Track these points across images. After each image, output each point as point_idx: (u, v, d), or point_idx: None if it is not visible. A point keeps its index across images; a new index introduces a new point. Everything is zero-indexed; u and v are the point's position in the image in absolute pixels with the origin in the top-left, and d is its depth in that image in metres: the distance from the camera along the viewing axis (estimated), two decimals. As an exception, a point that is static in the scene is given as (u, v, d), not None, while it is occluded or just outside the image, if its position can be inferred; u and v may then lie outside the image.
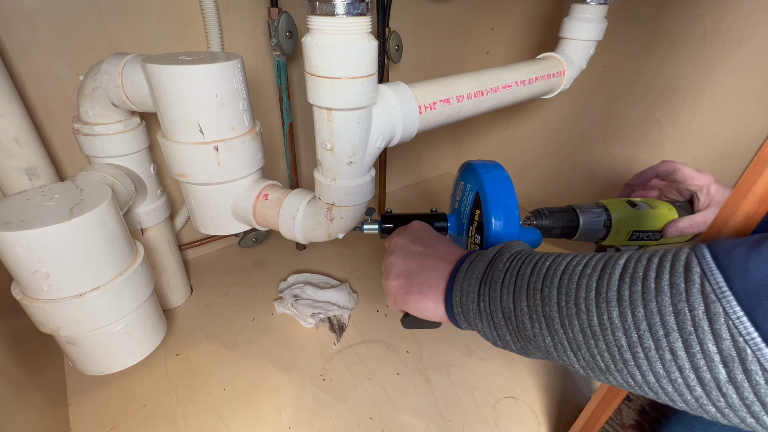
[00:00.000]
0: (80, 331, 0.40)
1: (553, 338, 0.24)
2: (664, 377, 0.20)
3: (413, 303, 0.33)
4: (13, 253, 0.34)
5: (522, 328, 0.26)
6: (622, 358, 0.21)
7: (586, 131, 0.83)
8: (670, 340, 0.19)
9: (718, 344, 0.18)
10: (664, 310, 0.19)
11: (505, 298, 0.27)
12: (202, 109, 0.38)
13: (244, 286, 0.74)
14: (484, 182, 0.43)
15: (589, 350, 0.22)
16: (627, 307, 0.21)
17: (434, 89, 0.42)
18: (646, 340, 0.20)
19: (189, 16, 0.60)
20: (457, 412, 0.54)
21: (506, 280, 0.28)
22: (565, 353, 0.24)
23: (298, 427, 0.51)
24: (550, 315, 0.24)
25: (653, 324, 0.19)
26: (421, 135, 0.45)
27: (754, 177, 0.23)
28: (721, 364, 0.18)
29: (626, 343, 0.20)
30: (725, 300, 0.18)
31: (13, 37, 0.50)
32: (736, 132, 0.64)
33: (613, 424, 0.55)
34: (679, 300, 0.19)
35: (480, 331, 0.30)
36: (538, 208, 0.49)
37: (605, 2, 0.56)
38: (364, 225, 0.47)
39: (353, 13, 0.30)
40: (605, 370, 0.22)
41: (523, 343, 0.27)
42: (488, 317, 0.28)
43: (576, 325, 0.23)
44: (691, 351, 0.18)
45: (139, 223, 0.57)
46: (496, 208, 0.41)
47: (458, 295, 0.30)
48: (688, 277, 0.19)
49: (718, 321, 0.18)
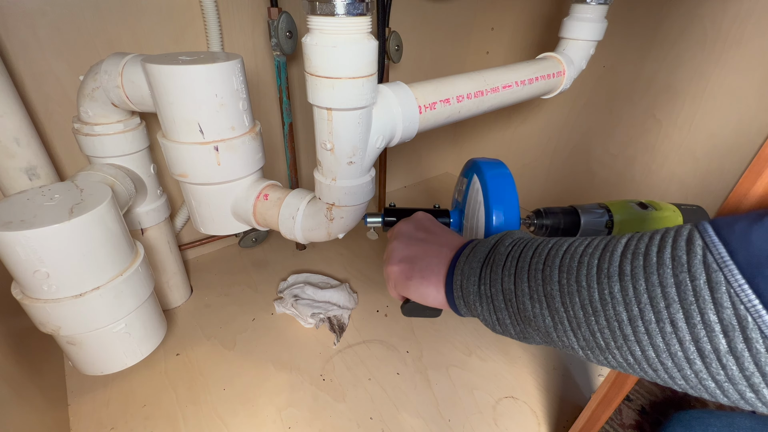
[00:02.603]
0: (80, 331, 0.40)
1: (553, 317, 0.24)
2: (664, 351, 0.19)
3: (414, 288, 0.34)
4: (13, 253, 0.34)
5: (522, 309, 0.26)
6: (623, 334, 0.21)
7: (586, 131, 0.83)
8: (671, 311, 0.19)
9: (719, 313, 0.18)
10: (665, 282, 0.19)
11: (506, 279, 0.27)
12: (202, 109, 0.38)
13: (244, 286, 0.74)
14: (487, 179, 0.43)
15: (590, 327, 0.22)
16: (628, 281, 0.21)
17: (434, 89, 0.42)
18: (647, 313, 0.20)
19: (189, 16, 0.60)
20: (457, 412, 0.54)
21: (508, 262, 0.28)
22: (564, 333, 0.24)
23: (298, 427, 0.51)
24: (551, 294, 0.24)
25: (654, 296, 0.20)
26: (421, 135, 0.45)
27: (754, 177, 0.23)
28: (721, 334, 0.18)
29: (627, 318, 0.21)
30: (727, 269, 0.18)
31: (13, 37, 0.50)
32: (736, 132, 0.64)
33: (613, 424, 0.55)
34: (680, 271, 0.19)
35: (479, 315, 0.30)
36: (538, 208, 0.49)
37: (605, 2, 0.56)
38: (367, 218, 0.47)
39: (353, 13, 0.30)
40: (605, 348, 0.22)
41: (522, 326, 0.27)
42: (488, 300, 0.28)
43: (577, 302, 0.23)
44: (691, 322, 0.18)
45: (139, 223, 0.57)
46: (497, 204, 0.42)
47: (459, 278, 0.30)
48: (690, 250, 0.19)
49: (719, 290, 0.18)
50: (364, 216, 0.47)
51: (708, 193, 0.70)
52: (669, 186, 0.74)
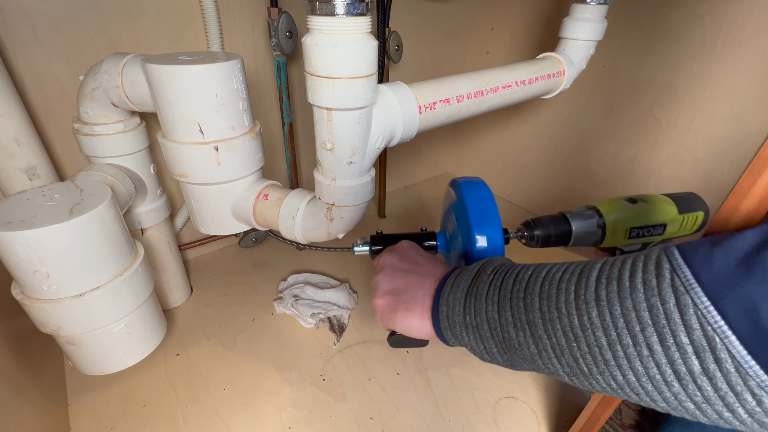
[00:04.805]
0: (80, 331, 0.40)
1: (537, 345, 0.25)
2: (644, 375, 0.20)
3: (400, 320, 0.34)
4: (13, 253, 0.34)
5: (507, 338, 0.26)
6: (603, 359, 0.21)
7: (586, 131, 0.83)
8: (645, 334, 0.20)
9: (690, 335, 0.18)
10: (638, 306, 0.20)
11: (490, 308, 0.28)
12: (202, 109, 0.38)
13: (244, 286, 0.74)
14: (467, 203, 0.44)
15: (572, 354, 0.23)
16: (605, 306, 0.21)
17: (434, 89, 0.42)
18: (624, 337, 0.20)
19: (189, 16, 0.60)
20: (457, 412, 0.54)
21: (491, 291, 0.28)
22: (549, 360, 0.24)
23: (298, 427, 0.51)
24: (534, 321, 0.25)
25: (629, 320, 0.20)
26: (421, 135, 0.45)
27: (754, 177, 0.23)
28: (694, 355, 0.18)
29: (606, 342, 0.21)
30: (693, 291, 0.19)
31: (13, 37, 0.50)
32: (736, 132, 0.64)
33: (613, 424, 0.55)
34: (651, 295, 0.20)
35: (467, 344, 0.30)
36: (527, 220, 0.49)
37: (605, 2, 0.56)
38: (354, 247, 0.48)
39: (353, 13, 0.30)
40: (588, 374, 0.23)
41: (509, 354, 0.27)
42: (474, 330, 0.29)
43: (558, 329, 0.23)
44: (665, 344, 0.19)
45: (139, 223, 0.57)
46: (479, 227, 0.42)
47: (444, 309, 0.31)
48: (659, 273, 0.20)
49: (687, 312, 0.18)
50: (352, 245, 0.48)
51: (708, 193, 0.69)
52: (669, 186, 0.74)
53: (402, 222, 0.97)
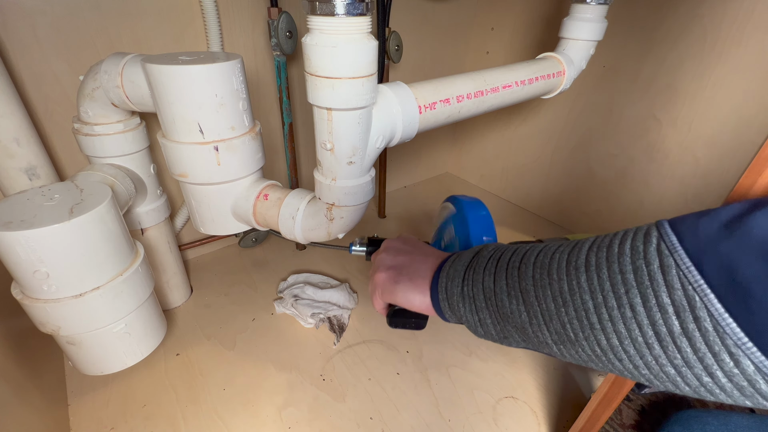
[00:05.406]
0: (80, 331, 0.40)
1: (528, 312, 0.26)
2: (626, 337, 0.21)
3: (401, 292, 0.35)
4: (13, 253, 0.34)
5: (501, 306, 0.27)
6: (589, 322, 0.22)
7: (586, 131, 0.83)
8: (630, 296, 0.20)
9: (671, 295, 0.19)
10: (624, 269, 0.21)
11: (487, 279, 0.29)
12: (202, 109, 0.38)
13: (244, 286, 0.74)
14: (467, 215, 0.46)
15: (560, 319, 0.24)
16: (593, 270, 0.22)
17: (434, 89, 0.42)
18: (609, 299, 0.21)
19: (189, 16, 0.60)
20: (457, 412, 0.54)
21: (489, 263, 0.30)
22: (539, 327, 0.25)
23: (298, 427, 0.51)
24: (526, 288, 0.26)
25: (615, 283, 0.21)
26: (421, 135, 0.46)
27: (754, 177, 0.23)
28: (674, 315, 0.19)
29: (592, 305, 0.22)
30: (677, 254, 0.19)
31: (13, 37, 0.50)
32: (736, 132, 0.64)
33: (613, 424, 0.55)
34: (637, 258, 0.21)
35: (463, 316, 0.31)
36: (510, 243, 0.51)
37: (605, 2, 0.56)
38: (352, 247, 0.49)
39: (353, 13, 0.30)
40: (574, 340, 0.23)
41: (502, 325, 0.28)
42: (471, 300, 0.30)
43: (549, 294, 0.24)
44: (648, 305, 0.20)
45: (139, 223, 0.57)
46: (477, 238, 0.44)
47: (444, 281, 0.32)
48: (647, 240, 0.21)
49: (670, 273, 0.19)
50: (350, 245, 0.49)
51: (708, 193, 0.70)
52: (669, 186, 0.74)
53: (402, 222, 0.97)
